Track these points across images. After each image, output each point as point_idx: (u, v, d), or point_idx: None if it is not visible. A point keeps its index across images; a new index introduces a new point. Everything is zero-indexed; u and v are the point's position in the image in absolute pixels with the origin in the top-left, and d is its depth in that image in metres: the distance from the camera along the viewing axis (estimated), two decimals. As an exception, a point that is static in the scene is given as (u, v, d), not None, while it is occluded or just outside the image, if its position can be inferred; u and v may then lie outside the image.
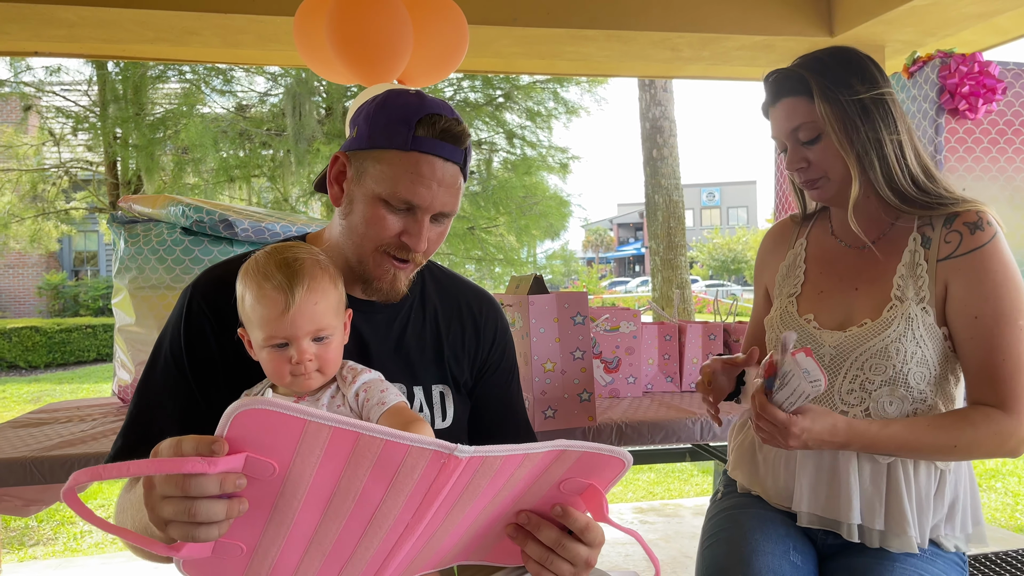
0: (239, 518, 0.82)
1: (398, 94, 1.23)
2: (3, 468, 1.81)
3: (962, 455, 1.36)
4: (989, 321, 1.35)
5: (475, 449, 0.84)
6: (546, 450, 0.89)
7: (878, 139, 1.41)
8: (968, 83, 2.20)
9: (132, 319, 2.34)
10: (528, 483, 0.95)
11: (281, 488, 0.82)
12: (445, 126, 1.20)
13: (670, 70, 4.54)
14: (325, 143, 8.96)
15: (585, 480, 0.96)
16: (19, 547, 4.05)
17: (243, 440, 0.77)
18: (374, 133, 1.21)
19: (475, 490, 0.90)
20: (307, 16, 2.98)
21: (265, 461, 0.79)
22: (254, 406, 0.75)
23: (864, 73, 1.43)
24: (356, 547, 0.92)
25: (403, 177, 1.19)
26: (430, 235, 1.25)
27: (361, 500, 0.85)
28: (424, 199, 1.20)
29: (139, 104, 9.17)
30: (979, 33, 3.79)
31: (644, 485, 5.15)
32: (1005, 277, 1.36)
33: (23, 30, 3.47)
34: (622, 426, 2.07)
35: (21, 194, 11.02)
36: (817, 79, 1.43)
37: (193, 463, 0.76)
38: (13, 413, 8.32)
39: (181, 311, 1.27)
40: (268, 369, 1.14)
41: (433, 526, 0.93)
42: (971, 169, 2.25)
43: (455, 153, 1.22)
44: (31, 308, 17.62)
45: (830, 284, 1.54)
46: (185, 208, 2.29)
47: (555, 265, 12.12)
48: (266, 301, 1.10)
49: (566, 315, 1.95)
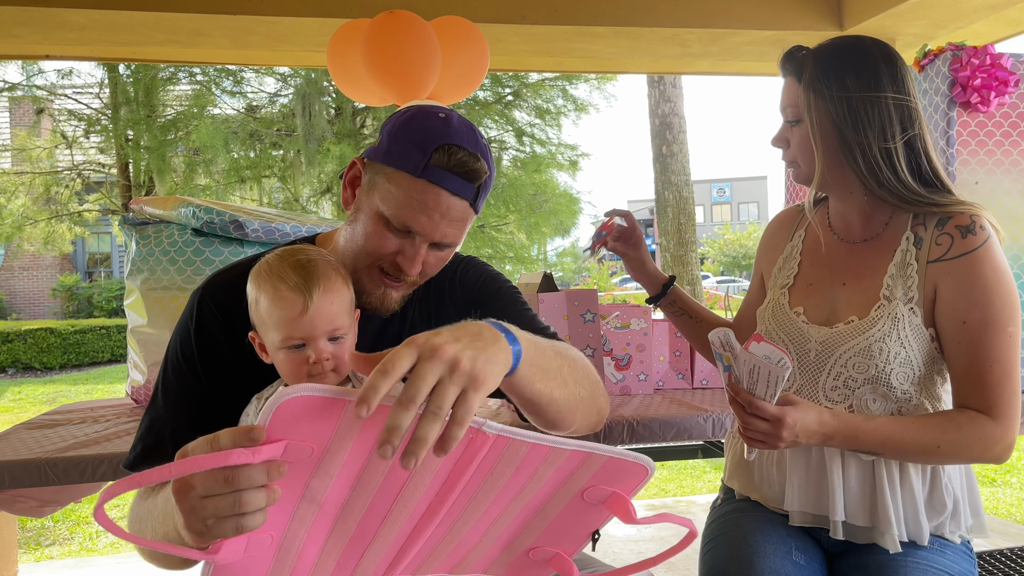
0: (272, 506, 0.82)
1: (426, 115, 1.20)
2: (18, 469, 1.83)
3: (946, 457, 1.35)
4: (977, 326, 1.34)
5: (502, 428, 0.84)
6: (572, 448, 0.89)
7: (859, 140, 1.38)
8: (980, 76, 2.18)
9: (144, 320, 2.35)
10: (553, 488, 0.95)
11: (315, 470, 0.83)
12: (460, 159, 1.17)
13: (679, 66, 4.52)
14: (335, 143, 8.98)
15: (608, 488, 0.96)
16: (35, 547, 4.08)
17: (282, 429, 0.78)
18: (392, 149, 1.19)
19: (499, 478, 0.91)
20: (341, 45, 3.24)
21: (304, 445, 0.79)
22: (297, 394, 0.75)
23: (864, 72, 1.40)
24: (379, 529, 0.92)
25: (407, 202, 1.17)
26: (429, 259, 1.24)
27: (389, 476, 0.86)
28: (424, 228, 1.19)
29: (150, 106, 9.22)
30: (990, 25, 3.76)
31: (656, 482, 5.14)
32: (996, 283, 1.34)
33: (35, 33, 3.49)
34: (633, 423, 2.06)
35: (35, 197, 11.10)
36: (812, 67, 1.42)
37: (237, 454, 0.75)
38: (29, 414, 8.39)
39: (191, 314, 1.27)
40: (285, 370, 1.15)
41: (455, 512, 0.93)
42: (983, 162, 2.23)
43: (465, 189, 1.18)
44: (46, 310, 17.75)
45: (819, 277, 1.54)
46: (196, 209, 2.30)
47: (565, 263, 12.11)
48: (283, 303, 1.10)
49: (576, 313, 1.95)
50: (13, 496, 1.91)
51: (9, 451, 1.93)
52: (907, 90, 1.40)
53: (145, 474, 0.74)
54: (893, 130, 1.38)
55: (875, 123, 1.38)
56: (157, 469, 0.74)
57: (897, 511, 1.40)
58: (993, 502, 4.53)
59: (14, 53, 4.12)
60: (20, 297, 18.20)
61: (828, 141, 1.41)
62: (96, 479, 1.87)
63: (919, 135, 1.41)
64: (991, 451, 1.34)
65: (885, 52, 1.42)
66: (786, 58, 1.48)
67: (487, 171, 1.20)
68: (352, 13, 3.41)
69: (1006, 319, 1.33)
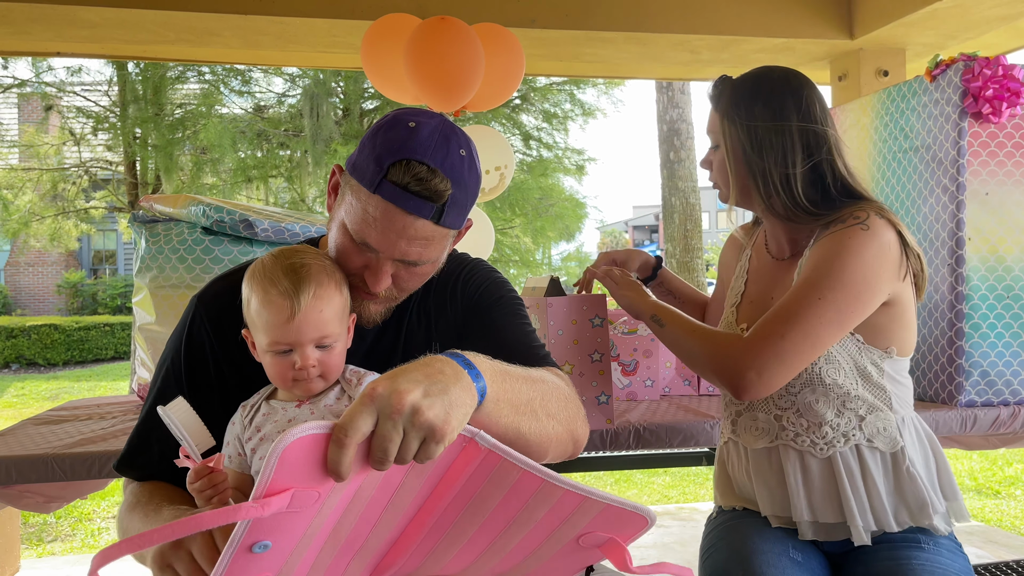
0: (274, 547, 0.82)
1: (394, 124, 1.12)
2: (25, 465, 1.83)
3: (697, 363, 1.51)
4: (801, 282, 1.42)
5: (495, 444, 0.84)
6: (567, 488, 0.87)
7: (761, 166, 1.49)
8: (992, 86, 2.17)
9: (153, 318, 2.36)
10: (548, 530, 0.94)
11: (320, 507, 0.82)
12: (417, 175, 1.07)
13: (689, 72, 4.53)
14: (342, 144, 9.00)
15: (605, 534, 0.94)
16: (37, 543, 4.09)
17: (287, 477, 0.76)
18: (358, 160, 1.13)
19: (488, 499, 0.90)
20: (377, 40, 3.21)
21: (310, 491, 0.78)
22: (294, 438, 0.74)
23: (772, 101, 1.49)
24: (369, 534, 0.92)
25: (364, 218, 1.11)
26: (402, 275, 1.18)
27: (382, 484, 0.86)
28: (381, 245, 1.12)
29: (158, 104, 9.25)
30: (1001, 36, 3.76)
31: (659, 489, 5.13)
32: (843, 257, 1.38)
33: (46, 30, 3.50)
34: (640, 429, 2.06)
35: (42, 193, 11.13)
36: (728, 96, 1.54)
37: (247, 509, 0.74)
38: (32, 410, 8.40)
39: (184, 323, 1.27)
40: (271, 373, 1.14)
41: (444, 525, 0.93)
42: (994, 173, 2.22)
43: (422, 208, 1.09)
44: (50, 306, 17.77)
45: (758, 294, 1.64)
46: (206, 208, 2.30)
47: (570, 267, 12.11)
48: (271, 307, 1.09)
49: (584, 317, 1.94)
50: (20, 491, 1.91)
51: (16, 446, 1.93)
52: (813, 117, 1.49)
53: (146, 535, 0.73)
54: (795, 157, 1.47)
55: (777, 150, 1.48)
56: (159, 530, 0.74)
57: (860, 502, 1.45)
58: (997, 514, 4.51)
59: (25, 49, 4.14)
60: (25, 293, 18.23)
61: (738, 165, 1.53)
62: (103, 475, 1.87)
63: (826, 159, 1.49)
64: (726, 370, 1.42)
65: (794, 82, 1.52)
66: (712, 87, 1.60)
67: (450, 188, 1.10)
68: (362, 15, 3.41)
69: (826, 287, 1.38)
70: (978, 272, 2.20)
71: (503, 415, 0.99)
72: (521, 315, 1.35)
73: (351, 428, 0.78)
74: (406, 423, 0.80)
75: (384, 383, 0.81)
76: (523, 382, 1.06)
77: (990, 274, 2.21)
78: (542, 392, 1.10)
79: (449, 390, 0.85)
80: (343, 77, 9.28)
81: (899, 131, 2.43)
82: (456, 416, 0.84)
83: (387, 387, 0.81)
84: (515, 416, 1.01)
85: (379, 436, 0.79)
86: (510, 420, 1.00)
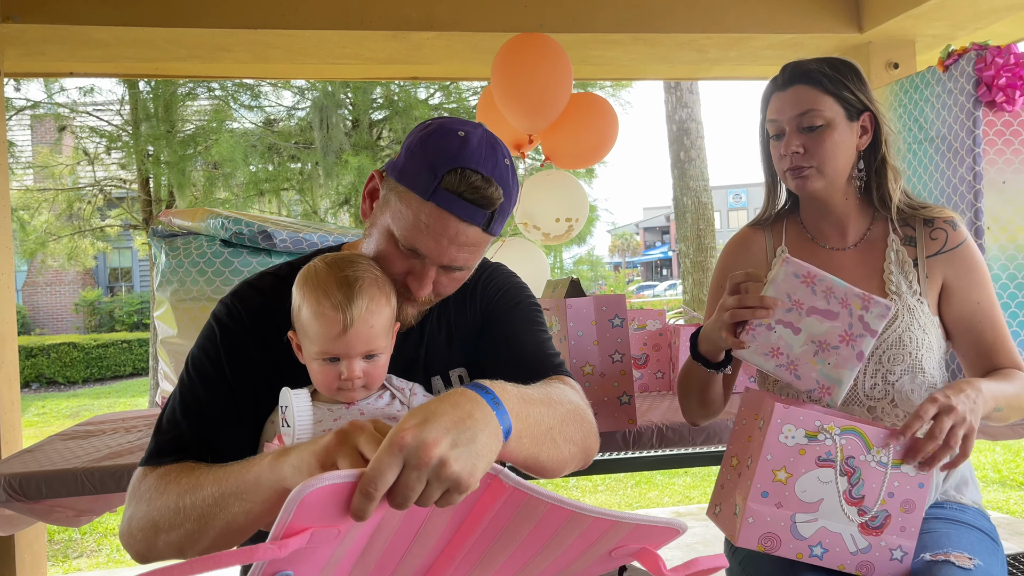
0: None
1: (444, 133, 1.14)
2: (55, 480, 1.85)
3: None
4: (987, 304, 1.52)
5: (519, 481, 0.84)
6: (595, 516, 0.87)
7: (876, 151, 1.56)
8: (1005, 75, 2.17)
9: (175, 331, 2.38)
10: (579, 551, 0.94)
11: (341, 541, 0.82)
12: (473, 184, 1.11)
13: (697, 71, 4.52)
14: (353, 155, 9.03)
15: (637, 545, 0.94)
16: (63, 559, 4.12)
17: (306, 519, 0.76)
18: (407, 167, 1.15)
19: (516, 533, 0.90)
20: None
21: (330, 529, 0.78)
22: (315, 487, 0.74)
23: (866, 88, 1.55)
24: (396, 567, 0.92)
25: (415, 225, 1.14)
26: (441, 280, 1.21)
27: (407, 519, 0.86)
28: (431, 251, 1.15)
29: (170, 122, 9.30)
30: (1010, 26, 3.74)
31: (680, 489, 5.11)
32: (985, 268, 1.55)
33: (60, 51, 3.54)
34: (663, 428, 2.06)
35: (57, 213, 11.21)
36: (835, 76, 1.52)
37: (264, 550, 0.74)
38: (53, 428, 8.46)
39: (216, 320, 1.26)
40: (316, 379, 1.16)
41: (472, 559, 0.93)
42: (1010, 161, 2.22)
43: (476, 215, 1.13)
44: (68, 324, 17.92)
45: None
46: (224, 220, 2.32)
47: (582, 271, 12.08)
48: (323, 319, 1.10)
49: (604, 318, 1.95)
50: (50, 506, 1.93)
51: (45, 462, 1.95)
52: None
53: (164, 570, 0.73)
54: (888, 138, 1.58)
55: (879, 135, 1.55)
56: (179, 565, 0.74)
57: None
58: (1022, 506, 4.47)
59: (39, 70, 4.19)
60: (43, 312, 18.39)
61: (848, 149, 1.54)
62: (131, 488, 1.88)
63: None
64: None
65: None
66: (799, 69, 1.53)
67: (501, 197, 1.14)
68: (370, 25, 3.43)
69: (995, 296, 1.55)
70: (998, 261, 2.20)
71: (524, 448, 0.98)
72: (538, 322, 1.36)
73: (380, 481, 0.78)
74: (431, 475, 0.80)
75: (412, 432, 0.81)
76: (543, 407, 1.05)
77: (1010, 262, 2.21)
78: (561, 417, 1.09)
79: (477, 438, 0.84)
80: (352, 88, 9.32)
81: (914, 122, 2.43)
82: (481, 466, 0.84)
83: (415, 437, 0.80)
84: (535, 447, 1.01)
85: (402, 484, 0.79)
86: (530, 451, 1.00)
